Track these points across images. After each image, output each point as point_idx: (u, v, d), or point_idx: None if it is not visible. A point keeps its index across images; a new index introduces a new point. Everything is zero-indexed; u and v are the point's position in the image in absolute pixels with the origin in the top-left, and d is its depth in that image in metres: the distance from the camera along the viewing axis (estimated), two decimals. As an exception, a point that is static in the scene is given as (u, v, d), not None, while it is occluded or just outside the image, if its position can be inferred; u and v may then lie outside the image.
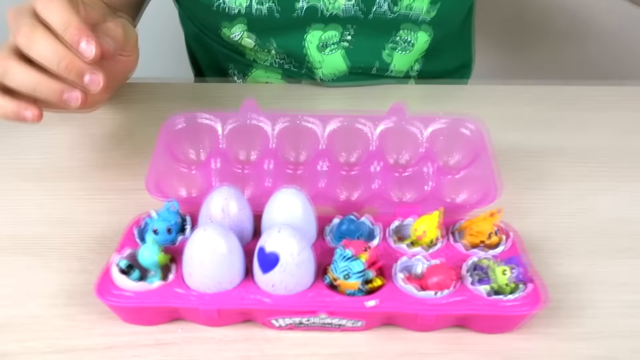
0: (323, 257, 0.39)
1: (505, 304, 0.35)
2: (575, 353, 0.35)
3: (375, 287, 0.37)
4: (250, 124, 0.49)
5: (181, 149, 0.49)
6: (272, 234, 0.35)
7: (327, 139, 0.49)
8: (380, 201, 0.45)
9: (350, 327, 0.36)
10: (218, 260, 0.35)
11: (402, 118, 0.49)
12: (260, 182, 0.46)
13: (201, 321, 0.36)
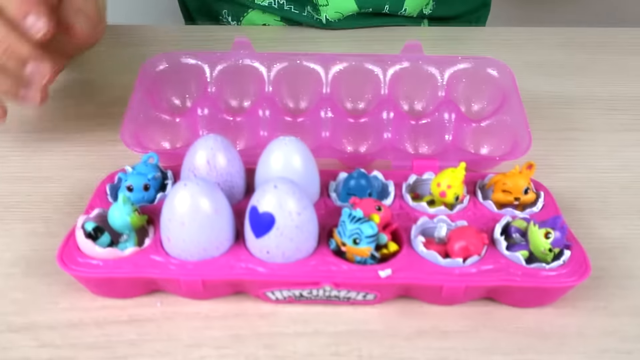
0: (328, 218, 0.33)
1: (548, 273, 0.29)
2: (622, 330, 0.30)
3: (389, 253, 0.31)
4: (243, 65, 0.43)
5: (163, 95, 0.43)
6: (267, 190, 0.29)
7: (332, 83, 0.42)
8: (393, 154, 0.39)
9: (361, 300, 0.30)
10: (202, 221, 0.29)
11: (419, 58, 0.43)
12: (255, 133, 0.40)
13: (183, 294, 0.30)
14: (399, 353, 0.29)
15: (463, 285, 0.29)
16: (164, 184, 0.35)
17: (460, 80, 0.43)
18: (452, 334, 0.30)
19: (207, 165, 0.33)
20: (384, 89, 0.42)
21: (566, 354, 0.29)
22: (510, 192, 0.34)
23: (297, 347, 0.29)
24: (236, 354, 0.29)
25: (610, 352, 0.29)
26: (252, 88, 0.43)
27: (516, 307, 0.31)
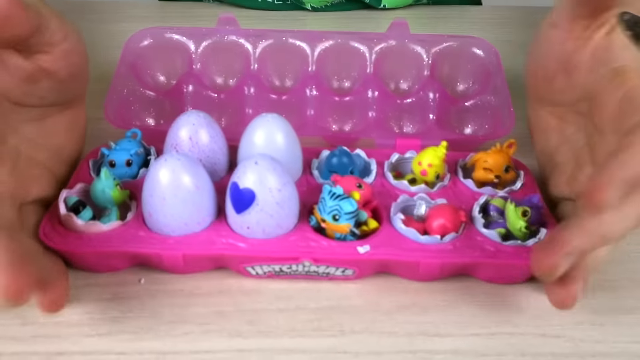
0: (309, 195, 0.33)
1: (523, 250, 0.30)
2: (596, 304, 0.31)
3: (369, 230, 0.31)
4: (228, 42, 0.42)
5: (147, 71, 0.42)
6: (248, 166, 0.29)
7: (318, 61, 0.42)
8: (377, 132, 0.39)
9: (340, 276, 0.31)
10: (183, 197, 0.29)
11: (405, 36, 0.43)
12: (240, 110, 0.40)
13: (164, 268, 0.31)
14: (380, 328, 0.29)
15: (439, 261, 0.30)
16: (147, 160, 0.35)
17: (445, 60, 0.43)
18: (431, 309, 0.30)
19: (189, 142, 0.33)
20: (370, 68, 0.42)
21: (541, 327, 0.30)
22: (490, 170, 0.34)
23: (280, 323, 0.29)
24: (220, 329, 0.29)
25: (584, 324, 0.30)
26: (238, 65, 0.43)
27: (492, 283, 0.31)
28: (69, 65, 0.31)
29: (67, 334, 0.28)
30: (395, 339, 0.29)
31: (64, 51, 0.31)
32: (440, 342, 0.29)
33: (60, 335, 0.28)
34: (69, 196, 0.31)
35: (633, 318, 0.30)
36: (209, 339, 0.28)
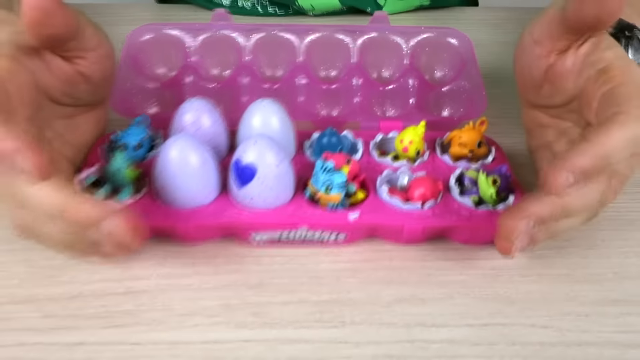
0: (303, 171, 0.37)
1: (494, 215, 0.34)
2: (582, 295, 0.33)
3: (358, 200, 0.35)
4: (222, 36, 0.46)
5: (148, 64, 0.46)
6: (249, 145, 0.33)
7: (306, 52, 0.46)
8: (362, 116, 0.43)
9: (333, 241, 0.35)
10: (191, 172, 0.32)
11: (385, 28, 0.46)
12: (235, 99, 0.44)
13: (177, 238, 0.34)
14: (379, 319, 0.31)
15: (421, 226, 0.33)
16: (153, 144, 0.38)
17: (423, 49, 0.47)
18: (428, 301, 0.32)
19: (193, 126, 0.36)
20: (354, 58, 0.46)
21: (531, 318, 0.31)
22: (465, 145, 0.38)
23: (284, 315, 0.31)
24: (227, 321, 0.31)
25: (571, 315, 0.32)
26: (232, 57, 0.46)
27: (467, 244, 0.35)
28: (102, 70, 0.35)
29: (85, 326, 0.30)
30: (394, 330, 0.31)
31: (99, 56, 0.34)
32: (436, 332, 0.30)
33: (79, 326, 0.30)
34: (89, 175, 0.34)
35: (617, 309, 0.32)
36: (217, 330, 0.30)
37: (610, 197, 0.31)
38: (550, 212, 0.30)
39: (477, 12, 0.64)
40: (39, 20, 0.30)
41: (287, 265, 0.34)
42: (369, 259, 0.34)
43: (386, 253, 0.35)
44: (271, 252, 0.34)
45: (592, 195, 0.30)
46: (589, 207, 0.31)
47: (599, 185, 0.30)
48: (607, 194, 0.31)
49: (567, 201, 0.30)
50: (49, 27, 0.31)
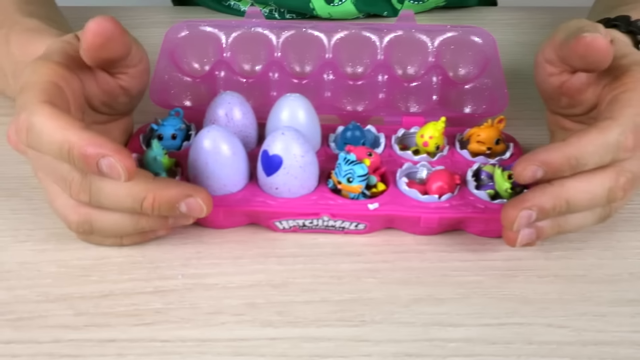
0: (327, 163, 0.39)
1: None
2: (599, 296, 0.34)
3: (378, 192, 0.37)
4: (255, 33, 0.48)
5: (184, 59, 0.48)
6: (276, 136, 0.35)
7: (333, 49, 0.48)
8: (386, 111, 0.44)
9: (353, 230, 0.37)
10: (222, 161, 0.35)
11: (412, 27, 0.48)
12: (265, 92, 0.46)
13: (206, 222, 0.37)
14: (398, 318, 0.32)
15: (437, 216, 0.35)
16: (188, 134, 0.41)
17: (448, 47, 0.48)
18: (446, 300, 0.33)
19: (225, 118, 0.39)
20: (380, 55, 0.48)
21: (547, 317, 0.32)
22: (483, 143, 0.39)
23: (307, 314, 0.32)
24: (252, 320, 0.32)
25: (587, 315, 0.32)
26: (263, 53, 0.48)
27: (482, 236, 0.37)
28: (140, 84, 0.37)
29: (116, 323, 0.32)
30: (412, 329, 0.31)
31: (139, 72, 0.36)
32: (454, 331, 0.31)
33: (110, 324, 0.32)
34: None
35: (632, 309, 0.33)
36: (243, 328, 0.31)
37: (619, 194, 0.32)
38: (553, 204, 0.31)
39: (495, 12, 0.64)
40: (101, 45, 0.32)
41: (310, 265, 0.35)
42: (388, 260, 0.35)
43: (404, 254, 0.36)
44: (294, 252, 0.36)
45: (597, 191, 0.31)
46: (595, 203, 0.32)
47: (603, 181, 0.31)
48: (615, 191, 0.31)
49: (571, 195, 0.31)
50: (108, 51, 0.33)
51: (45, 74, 0.31)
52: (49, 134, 0.29)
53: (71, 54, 0.34)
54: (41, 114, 0.29)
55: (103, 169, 0.29)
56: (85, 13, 0.61)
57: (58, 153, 0.29)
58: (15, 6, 0.42)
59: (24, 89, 0.31)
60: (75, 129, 0.29)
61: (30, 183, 0.40)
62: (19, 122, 0.30)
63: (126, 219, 0.33)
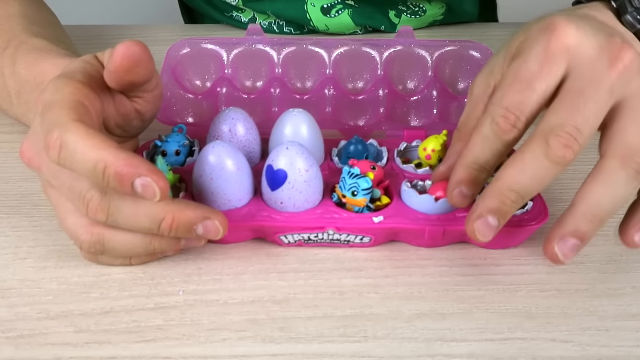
0: (330, 177, 0.39)
1: (513, 218, 0.35)
2: (602, 310, 0.34)
3: (382, 205, 0.37)
4: (256, 50, 0.49)
5: (186, 76, 0.49)
6: (280, 151, 0.35)
7: (334, 65, 0.48)
8: (387, 124, 0.45)
9: (358, 243, 0.37)
10: (227, 176, 0.35)
11: (411, 42, 0.48)
12: (267, 108, 0.46)
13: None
14: (400, 334, 0.32)
15: (442, 228, 0.35)
16: (191, 150, 0.41)
17: (447, 62, 0.49)
18: (448, 315, 0.33)
19: (229, 133, 0.39)
20: (380, 70, 0.48)
21: (551, 332, 0.32)
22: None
23: (309, 330, 0.32)
24: (254, 336, 0.32)
25: (591, 329, 0.32)
26: (264, 69, 0.49)
27: (487, 248, 0.37)
28: (154, 109, 0.37)
29: (117, 340, 0.32)
30: (415, 344, 0.31)
31: (154, 97, 0.37)
32: (457, 346, 0.31)
33: (111, 341, 0.32)
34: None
35: (636, 323, 0.33)
36: (244, 345, 0.31)
37: (560, 152, 0.29)
38: (499, 199, 0.30)
39: (495, 28, 0.65)
40: (129, 69, 0.32)
41: (311, 280, 0.35)
42: (389, 275, 0.35)
43: (406, 269, 0.36)
44: (295, 267, 0.36)
45: (533, 164, 0.29)
46: (543, 174, 0.30)
47: (534, 151, 0.29)
48: (555, 151, 0.29)
49: (513, 181, 0.30)
50: (134, 75, 0.33)
51: (71, 92, 0.31)
52: (83, 152, 0.29)
53: (92, 74, 0.34)
54: (75, 132, 0.29)
55: (138, 188, 0.29)
56: (88, 32, 0.62)
57: (92, 171, 0.29)
58: (21, 27, 0.43)
59: (51, 107, 0.31)
60: (110, 148, 0.29)
61: (32, 200, 0.41)
62: (50, 140, 0.29)
63: (139, 239, 0.33)
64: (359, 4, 0.60)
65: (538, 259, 0.37)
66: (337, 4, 0.60)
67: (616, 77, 0.29)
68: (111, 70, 0.33)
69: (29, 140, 0.34)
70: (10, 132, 0.47)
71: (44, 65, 0.38)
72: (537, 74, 0.30)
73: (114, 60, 0.32)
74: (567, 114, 0.29)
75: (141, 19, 0.70)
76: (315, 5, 0.59)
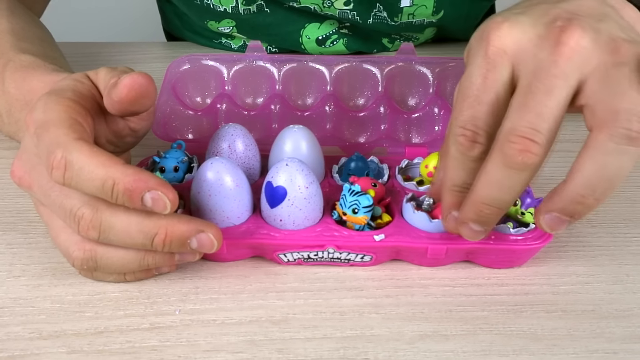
0: (331, 194, 0.38)
1: (517, 237, 0.35)
2: (610, 332, 0.33)
3: (383, 223, 0.36)
4: (256, 66, 0.48)
5: (186, 92, 0.48)
6: (280, 167, 0.34)
7: (334, 81, 0.48)
8: (388, 142, 0.44)
9: (359, 262, 0.36)
10: (225, 193, 0.34)
11: (412, 59, 0.48)
12: (267, 125, 0.46)
13: (209, 256, 0.36)
14: (403, 356, 0.31)
15: (445, 247, 0.35)
16: (190, 166, 0.41)
17: (448, 79, 0.48)
18: (451, 337, 0.32)
19: (228, 149, 0.38)
20: (381, 87, 0.48)
21: (557, 355, 0.31)
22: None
23: (308, 351, 0.31)
24: (251, 358, 0.31)
25: (598, 352, 0.31)
26: (264, 86, 0.49)
27: (491, 267, 0.36)
28: (148, 125, 0.37)
29: None
30: None
31: (148, 114, 0.36)
32: None
33: None
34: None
35: None
36: None
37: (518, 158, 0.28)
38: (473, 211, 0.30)
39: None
40: (134, 101, 0.32)
41: (311, 300, 0.34)
42: (391, 295, 0.35)
43: (407, 289, 0.35)
44: (295, 286, 0.35)
45: (501, 173, 0.28)
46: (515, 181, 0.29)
47: (496, 162, 0.28)
48: (512, 156, 0.28)
49: (484, 194, 0.29)
50: (138, 106, 0.33)
51: (64, 110, 0.31)
52: (90, 171, 0.29)
53: (83, 92, 0.34)
54: (79, 151, 0.29)
55: (148, 202, 0.29)
56: (85, 49, 0.62)
57: (100, 189, 0.29)
58: (9, 44, 0.42)
59: (46, 127, 0.30)
60: (117, 165, 0.29)
61: (28, 217, 0.40)
62: (54, 161, 0.29)
63: (132, 255, 0.32)
64: (353, 32, 0.60)
65: (543, 278, 0.36)
66: (333, 35, 0.60)
67: (564, 62, 0.27)
68: (115, 101, 0.32)
69: (19, 159, 0.33)
70: (9, 148, 0.47)
71: (33, 83, 0.38)
72: (481, 86, 0.29)
73: (120, 92, 0.32)
74: (517, 115, 0.28)
75: (131, 37, 0.70)
76: (310, 37, 0.60)
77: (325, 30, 0.60)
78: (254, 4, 0.57)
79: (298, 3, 0.56)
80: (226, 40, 0.63)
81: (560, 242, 0.38)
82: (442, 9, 0.58)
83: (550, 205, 0.29)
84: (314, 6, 0.56)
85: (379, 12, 0.57)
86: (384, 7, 0.57)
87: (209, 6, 0.58)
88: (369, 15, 0.57)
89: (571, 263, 0.37)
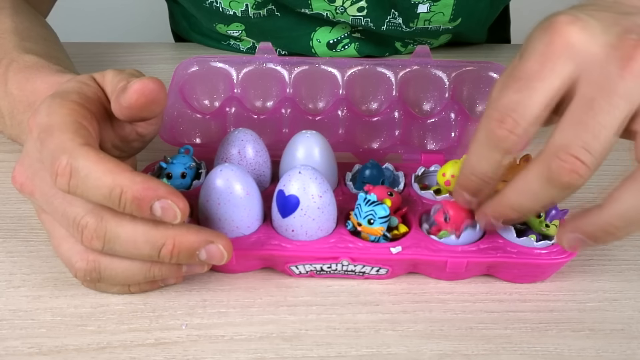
0: (345, 203, 0.37)
1: (540, 251, 0.33)
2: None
3: (400, 234, 0.35)
4: (266, 68, 0.47)
5: (194, 95, 0.47)
6: (293, 175, 0.33)
7: (347, 85, 0.46)
8: (403, 148, 0.43)
9: (374, 275, 0.34)
10: (235, 202, 0.33)
11: (427, 62, 0.47)
12: (277, 129, 0.44)
13: (217, 267, 0.34)
14: None
15: (464, 260, 0.33)
16: (198, 173, 0.39)
17: (464, 83, 0.47)
18: (473, 357, 0.30)
19: (238, 155, 0.37)
20: (395, 91, 0.46)
21: None
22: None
23: None
24: None
25: None
26: (275, 89, 0.47)
27: (513, 282, 0.34)
28: (156, 130, 0.36)
29: None
30: None
31: (157, 118, 0.35)
32: None
33: None
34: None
35: None
36: None
37: (565, 178, 0.27)
38: (494, 212, 0.30)
39: (508, 49, 0.63)
40: (144, 106, 0.31)
41: (324, 315, 0.33)
42: (408, 310, 0.33)
43: (425, 304, 0.33)
44: (307, 300, 0.34)
45: (535, 184, 0.28)
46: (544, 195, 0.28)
47: (537, 171, 0.27)
48: (557, 173, 0.26)
49: (512, 199, 0.29)
50: (147, 112, 0.31)
51: (68, 114, 0.30)
52: (96, 178, 0.28)
53: (88, 95, 0.32)
54: (86, 157, 0.28)
55: (157, 212, 0.28)
56: (90, 49, 0.61)
57: (107, 197, 0.28)
58: (12, 43, 0.41)
59: (51, 131, 0.29)
60: (125, 172, 0.28)
61: (30, 224, 0.39)
62: (59, 167, 0.28)
63: (138, 266, 0.31)
64: (365, 36, 0.59)
65: (568, 294, 0.34)
66: (344, 39, 0.59)
67: (632, 81, 0.25)
68: (124, 106, 0.31)
69: (21, 164, 0.32)
70: (11, 151, 0.45)
71: (36, 84, 0.37)
72: (537, 72, 0.26)
73: (129, 98, 0.30)
74: (573, 132, 0.26)
75: (137, 37, 0.69)
76: (321, 41, 0.59)
77: (337, 35, 0.58)
78: (265, 8, 0.56)
79: (310, 9, 0.55)
80: (235, 42, 0.62)
81: (584, 255, 0.37)
82: (460, 16, 0.56)
83: (579, 226, 0.28)
84: (327, 12, 0.55)
85: (394, 18, 0.55)
86: (399, 13, 0.55)
87: (218, 9, 0.56)
88: (383, 21, 0.56)
89: (597, 278, 0.35)
